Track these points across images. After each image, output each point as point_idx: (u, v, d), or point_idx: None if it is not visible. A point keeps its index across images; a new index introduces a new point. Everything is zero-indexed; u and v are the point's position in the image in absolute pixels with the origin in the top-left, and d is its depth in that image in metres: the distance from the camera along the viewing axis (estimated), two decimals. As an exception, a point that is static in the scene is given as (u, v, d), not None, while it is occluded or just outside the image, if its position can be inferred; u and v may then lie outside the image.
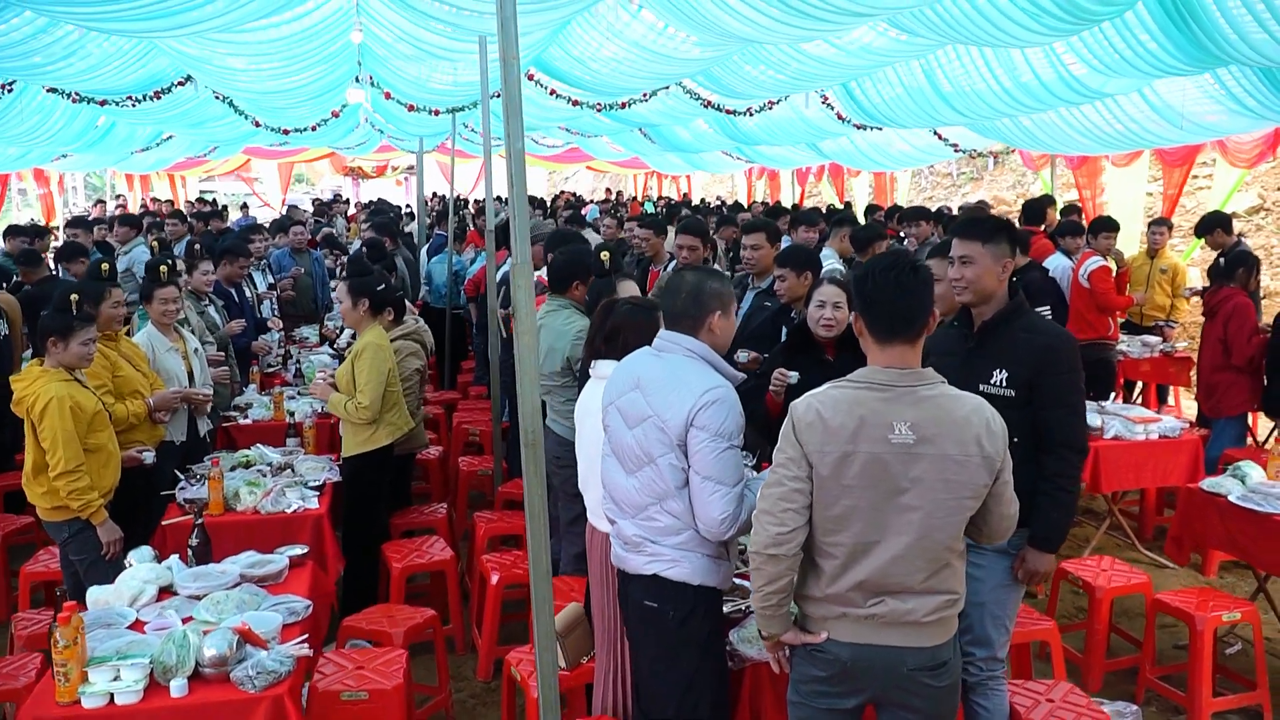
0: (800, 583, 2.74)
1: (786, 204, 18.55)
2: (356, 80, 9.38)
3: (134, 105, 9.23)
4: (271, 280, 9.51)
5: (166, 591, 3.92)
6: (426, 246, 11.36)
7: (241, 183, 32.56)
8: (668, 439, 2.99)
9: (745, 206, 16.15)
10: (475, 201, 26.37)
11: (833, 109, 10.51)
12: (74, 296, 4.76)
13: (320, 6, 6.44)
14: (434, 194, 28.83)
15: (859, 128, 11.05)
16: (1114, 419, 5.97)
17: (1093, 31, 6.45)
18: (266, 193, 30.83)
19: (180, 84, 8.93)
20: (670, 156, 20.48)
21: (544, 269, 5.79)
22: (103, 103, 9.11)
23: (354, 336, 5.74)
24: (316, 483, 5.22)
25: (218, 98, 9.83)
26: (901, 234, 8.99)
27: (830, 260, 7.40)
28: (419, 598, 5.67)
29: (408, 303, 6.75)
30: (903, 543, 2.59)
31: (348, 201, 26.16)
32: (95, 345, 4.72)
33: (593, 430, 3.42)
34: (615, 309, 3.73)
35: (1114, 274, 8.00)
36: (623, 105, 10.24)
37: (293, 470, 5.43)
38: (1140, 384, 9.46)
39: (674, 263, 6.51)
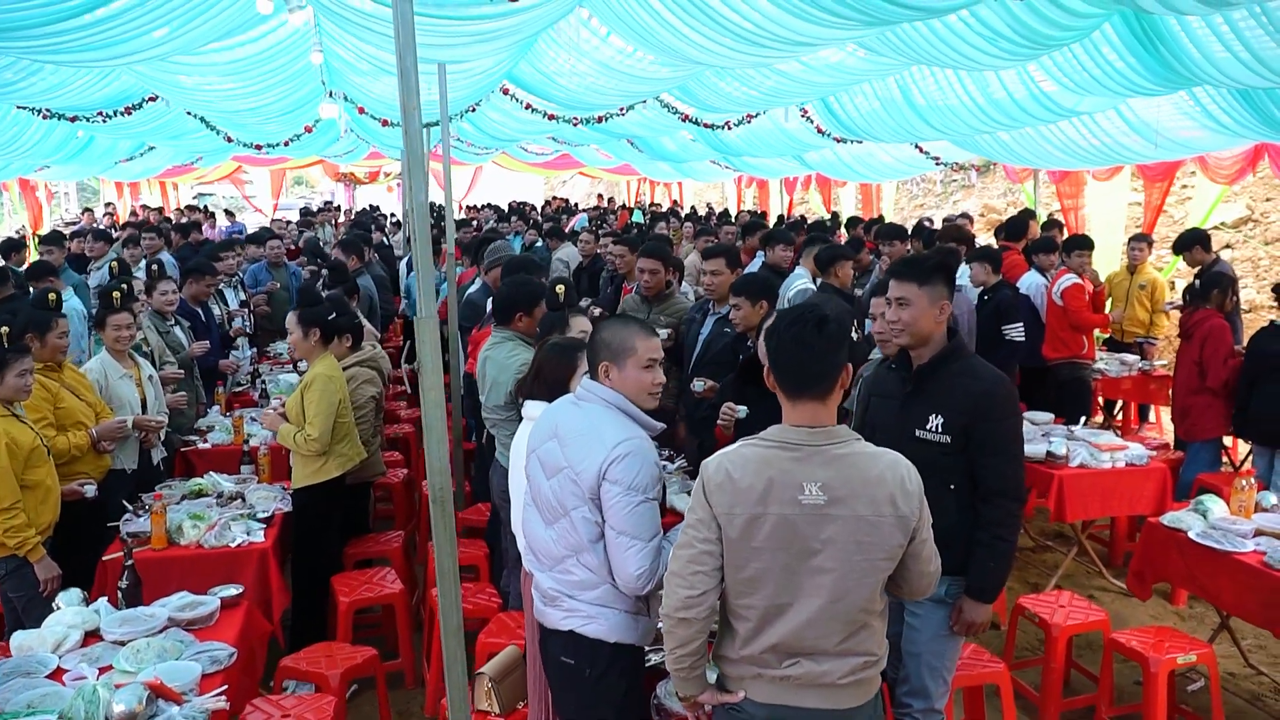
0: (717, 643, 2.68)
1: (776, 212, 18.55)
2: (330, 95, 9.30)
3: (105, 121, 9.14)
4: (243, 297, 9.44)
5: (94, 635, 3.83)
6: (406, 259, 11.29)
7: (235, 187, 32.46)
8: (581, 492, 2.92)
9: (730, 217, 16.05)
10: (472, 208, 26.37)
11: (812, 123, 10.44)
12: (3, 329, 4.67)
13: (276, 29, 6.35)
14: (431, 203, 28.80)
15: (839, 141, 10.99)
16: (1080, 446, 5.88)
17: (1062, 52, 6.37)
18: (258, 197, 30.81)
19: (151, 100, 8.85)
20: (660, 164, 20.45)
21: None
22: (73, 119, 9.03)
23: None
24: (266, 513, 5.14)
25: (189, 114, 9.75)
26: (880, 250, 8.88)
27: (803, 280, 7.32)
28: (373, 628, 5.60)
29: (369, 325, 6.66)
30: (815, 605, 2.52)
31: (338, 208, 26.11)
32: (32, 376, 4.64)
33: (521, 474, 3.34)
34: (543, 347, 3.66)
35: (1089, 292, 7.91)
36: (599, 119, 10.16)
37: (244, 500, 5.35)
38: (1120, 403, 9.40)
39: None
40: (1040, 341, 7.95)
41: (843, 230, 12.65)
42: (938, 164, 12.67)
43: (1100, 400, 9.29)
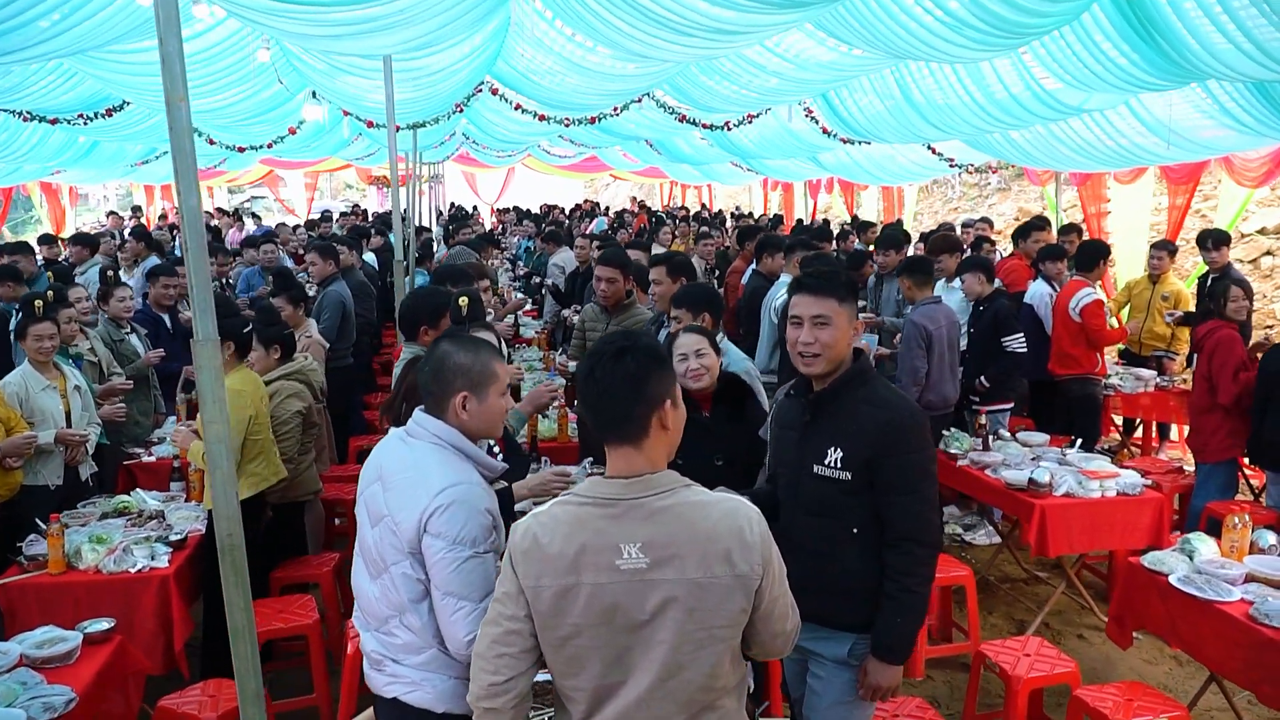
0: None
1: (800, 215, 18.06)
2: (314, 96, 9.06)
3: (86, 123, 8.98)
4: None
5: (-62, 675, 3.54)
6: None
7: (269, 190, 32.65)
8: (400, 544, 2.54)
9: (723, 219, 15.64)
10: (502, 210, 26.22)
11: (817, 123, 9.99)
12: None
13: (214, 28, 6.08)
14: (452, 204, 28.72)
15: (845, 141, 10.53)
16: (1067, 473, 5.37)
17: (1056, 44, 5.88)
18: (292, 200, 30.93)
19: (129, 102, 8.67)
20: (683, 167, 20.11)
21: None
22: (53, 121, 8.87)
23: None
24: (179, 535, 4.84)
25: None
26: (875, 258, 8.41)
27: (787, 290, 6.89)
28: (296, 657, 5.28)
29: (318, 337, 6.36)
30: (646, 684, 2.12)
31: (364, 213, 26.04)
32: None
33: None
34: (417, 367, 3.28)
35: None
36: (591, 120, 9.80)
37: (163, 519, 5.07)
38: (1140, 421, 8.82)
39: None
40: (1045, 354, 7.43)
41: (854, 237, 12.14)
42: (952, 166, 12.13)
43: (1118, 419, 8.73)
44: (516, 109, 9.43)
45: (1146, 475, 5.65)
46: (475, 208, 28.49)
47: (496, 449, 4.02)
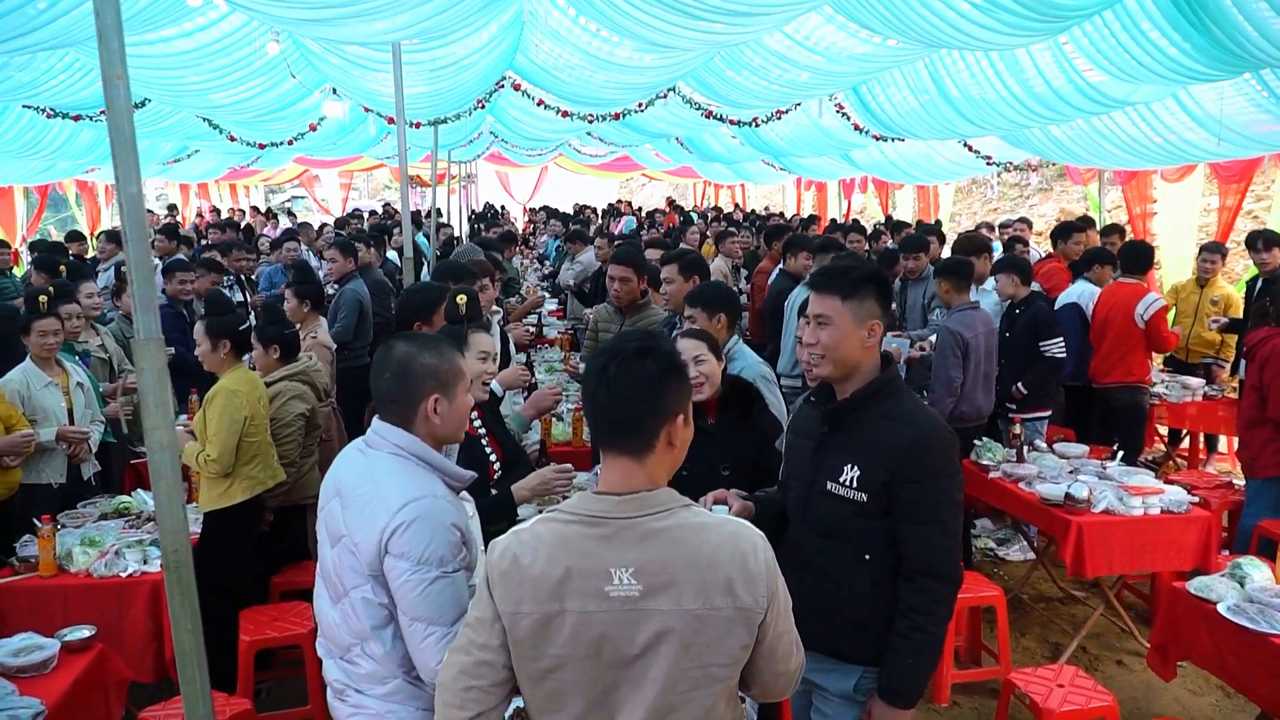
0: None
1: (833, 215, 17.73)
2: (335, 93, 8.92)
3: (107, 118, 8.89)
4: (241, 298, 9.10)
5: (-88, 681, 3.39)
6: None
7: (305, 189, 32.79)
8: (360, 566, 2.33)
9: (752, 220, 15.37)
10: (533, 210, 26.09)
11: (849, 119, 9.69)
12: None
13: (220, 20, 5.93)
14: (487, 204, 28.65)
15: (878, 139, 10.21)
16: (1107, 488, 5.05)
17: (1099, 31, 5.56)
18: (328, 199, 31.05)
19: (149, 100, 8.59)
20: (716, 166, 19.85)
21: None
22: (76, 117, 8.81)
23: None
24: (175, 540, 4.68)
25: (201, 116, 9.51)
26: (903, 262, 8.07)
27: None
28: (294, 665, 5.10)
29: (323, 336, 6.18)
30: None
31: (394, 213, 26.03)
32: None
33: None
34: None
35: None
36: (616, 116, 9.58)
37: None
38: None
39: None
40: (1082, 359, 7.10)
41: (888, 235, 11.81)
42: (989, 164, 11.76)
43: (1163, 429, 8.36)
44: (540, 105, 9.24)
45: (1193, 490, 5.33)
46: (504, 207, 28.38)
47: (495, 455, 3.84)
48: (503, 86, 9.03)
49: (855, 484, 2.60)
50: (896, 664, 2.57)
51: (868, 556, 2.61)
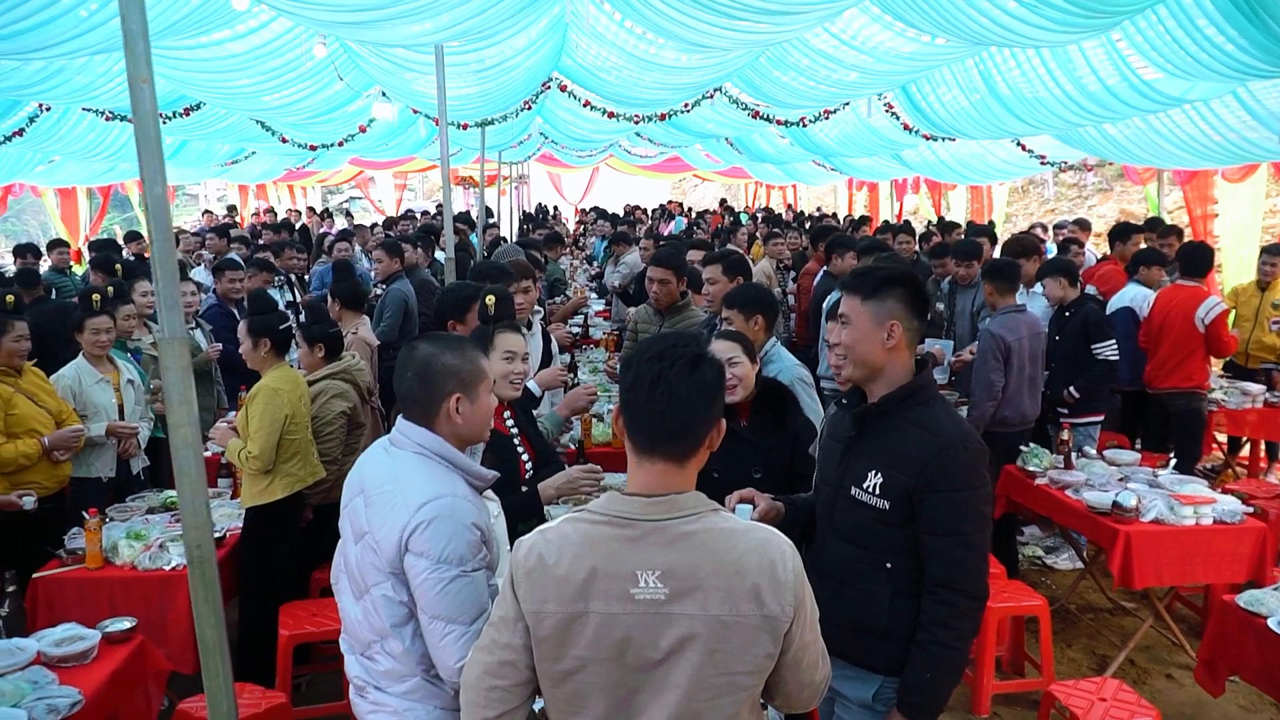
0: None
1: (885, 216, 17.54)
2: (384, 95, 9.02)
3: (165, 121, 9.09)
4: (291, 298, 9.24)
5: (-42, 668, 3.49)
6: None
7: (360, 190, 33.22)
8: (381, 564, 2.35)
9: (802, 221, 15.24)
10: (584, 211, 26.17)
11: (898, 118, 9.56)
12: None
13: (268, 24, 6.02)
14: (539, 204, 28.81)
15: (928, 138, 10.07)
16: (1157, 497, 4.92)
17: (1154, 27, 5.41)
18: (383, 200, 31.41)
19: (204, 103, 8.77)
20: (766, 167, 19.74)
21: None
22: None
23: None
24: (218, 533, 4.77)
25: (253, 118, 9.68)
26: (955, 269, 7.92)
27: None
28: (332, 660, 5.16)
29: (363, 334, 6.24)
30: None
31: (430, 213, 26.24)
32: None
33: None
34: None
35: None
36: (661, 117, 9.56)
37: (205, 517, 5.00)
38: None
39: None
40: (1136, 363, 6.93)
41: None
42: (1044, 163, 11.52)
43: (1221, 436, 8.12)
44: (586, 106, 9.26)
45: (1250, 500, 5.16)
46: (556, 208, 28.51)
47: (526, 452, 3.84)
48: (549, 88, 9.07)
49: (878, 491, 2.55)
50: (915, 677, 2.51)
51: (889, 565, 2.56)
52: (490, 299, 3.96)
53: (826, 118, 9.81)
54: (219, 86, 7.83)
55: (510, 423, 3.81)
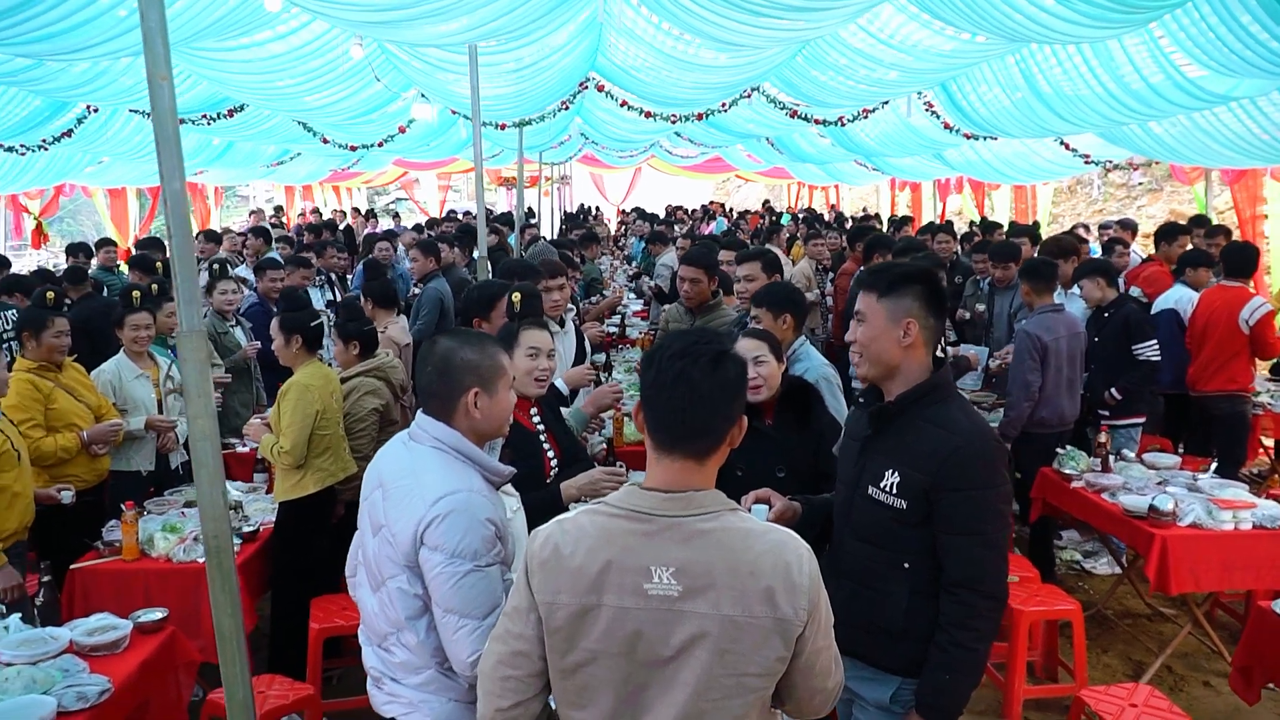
0: None
1: (928, 217, 17.35)
2: (423, 96, 9.11)
3: (209, 123, 9.27)
4: (330, 297, 9.36)
5: (-4, 655, 3.57)
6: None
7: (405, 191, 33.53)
8: (397, 557, 2.38)
9: (842, 222, 15.13)
10: (625, 212, 26.22)
11: (939, 117, 9.46)
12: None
13: (304, 27, 6.11)
14: (580, 205, 28.90)
15: (969, 137, 9.95)
16: (1195, 501, 4.81)
17: (1196, 24, 5.30)
18: (427, 201, 31.70)
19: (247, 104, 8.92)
20: (808, 167, 19.62)
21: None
22: (180, 121, 9.15)
23: None
24: (252, 526, 4.85)
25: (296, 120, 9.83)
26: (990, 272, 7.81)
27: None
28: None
29: (395, 332, 6.30)
30: None
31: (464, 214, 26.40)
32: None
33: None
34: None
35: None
36: (699, 116, 9.55)
37: (240, 509, 5.09)
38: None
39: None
40: (1177, 365, 6.79)
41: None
42: (1088, 162, 11.32)
43: (1268, 441, 7.94)
44: (623, 106, 9.28)
45: (1294, 506, 5.03)
46: (598, 208, 28.59)
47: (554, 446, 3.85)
48: (586, 87, 9.10)
49: (895, 490, 2.53)
50: (933, 679, 2.48)
51: (907, 565, 2.53)
52: (516, 296, 3.99)
53: (865, 117, 9.75)
54: (260, 87, 7.97)
55: (537, 420, 3.83)
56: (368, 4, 5.05)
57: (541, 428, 3.85)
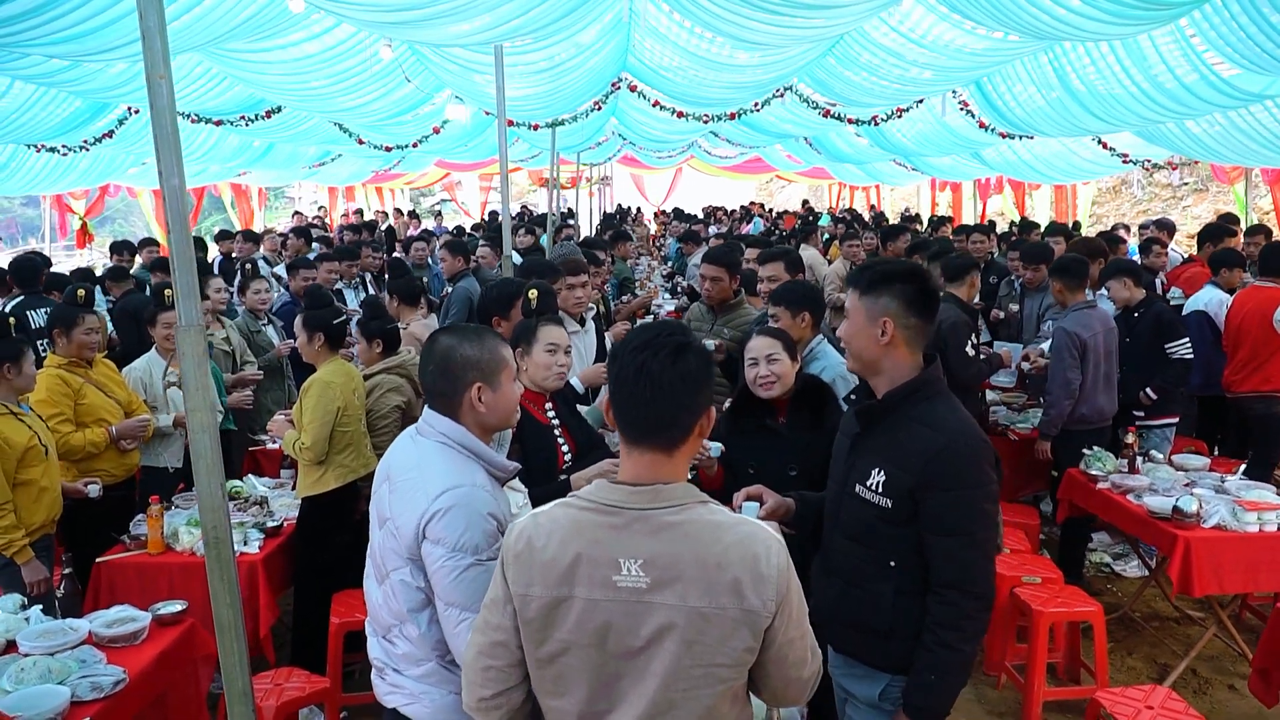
0: None
1: (969, 217, 17.17)
2: (458, 98, 9.21)
3: (247, 124, 9.44)
4: (364, 297, 9.48)
5: (14, 645, 3.67)
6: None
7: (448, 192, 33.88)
8: (400, 549, 2.42)
9: (880, 221, 15.02)
10: (664, 212, 26.24)
11: (973, 116, 9.37)
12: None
13: (333, 29, 6.20)
14: (618, 205, 28.97)
15: (1005, 136, 9.84)
16: (1220, 503, 4.73)
17: (1227, 23, 5.20)
18: (468, 203, 31.98)
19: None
20: (848, 167, 19.52)
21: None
22: (218, 122, 9.37)
23: None
24: (276, 521, 4.94)
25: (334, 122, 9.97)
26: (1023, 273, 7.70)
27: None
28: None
29: (416, 329, 6.37)
30: (633, 717, 1.90)
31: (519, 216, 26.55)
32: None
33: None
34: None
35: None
36: (731, 116, 9.54)
37: (265, 505, 5.19)
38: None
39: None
40: (1216, 369, 6.67)
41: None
42: (1125, 162, 11.13)
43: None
44: (655, 105, 9.30)
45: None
46: (639, 209, 28.65)
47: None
48: (619, 88, 9.13)
49: (880, 489, 2.52)
50: (920, 680, 2.47)
51: (893, 563, 2.52)
52: (533, 293, 4.03)
53: (900, 116, 9.68)
54: (294, 89, 8.11)
55: (551, 414, 3.87)
56: (386, 4, 5.12)
57: (556, 421, 3.89)
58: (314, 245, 11.78)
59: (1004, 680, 4.87)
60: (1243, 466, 5.38)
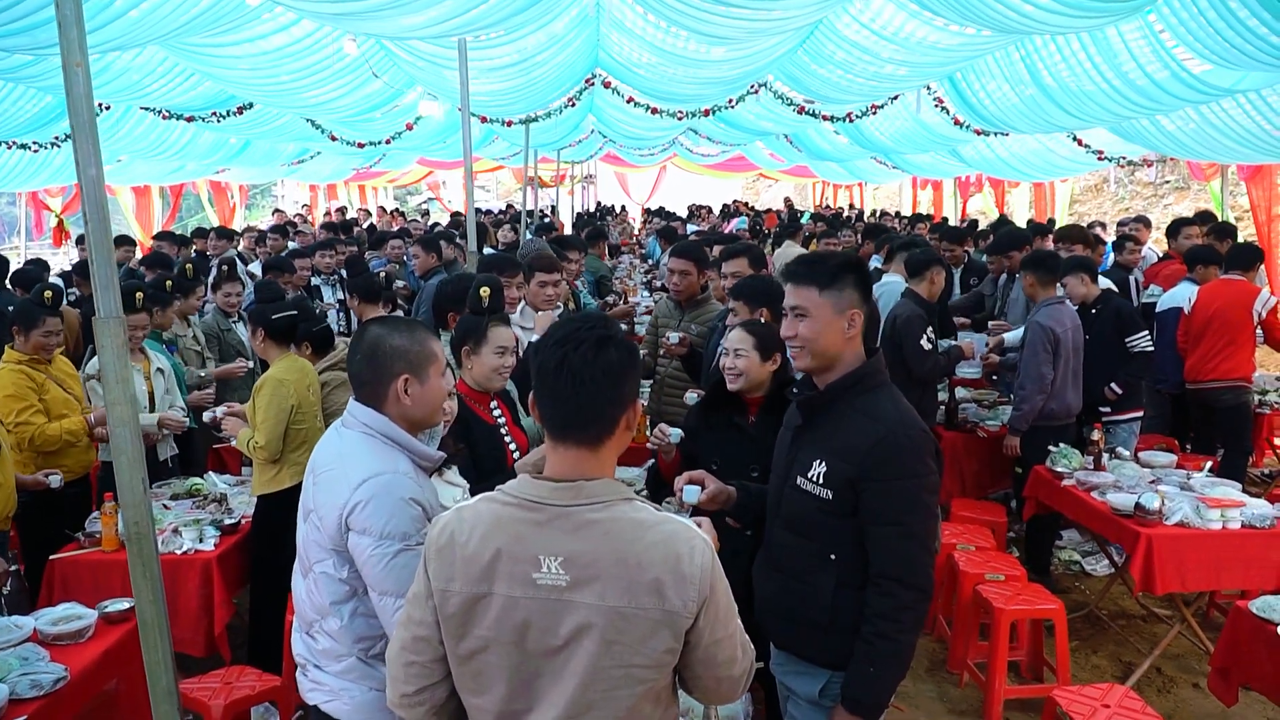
0: None
1: (949, 215, 17.19)
2: (431, 95, 9.14)
3: (219, 120, 9.36)
4: (342, 295, 9.41)
5: (-40, 643, 3.61)
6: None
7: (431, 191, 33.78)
8: (324, 541, 2.38)
9: (857, 218, 15.02)
10: (648, 211, 26.22)
11: (948, 112, 9.37)
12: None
13: (295, 23, 6.13)
14: (598, 204, 28.93)
15: (979, 133, 9.83)
16: (1183, 500, 4.72)
17: (1196, 20, 5.19)
18: (453, 201, 31.88)
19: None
20: (829, 165, 19.51)
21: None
22: (189, 118, 9.29)
23: None
24: (233, 519, 4.89)
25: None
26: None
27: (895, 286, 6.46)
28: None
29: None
30: (552, 717, 1.85)
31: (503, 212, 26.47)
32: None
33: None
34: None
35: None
36: (705, 112, 9.51)
37: (224, 502, 5.13)
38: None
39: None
40: (1169, 359, 6.71)
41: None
42: (1101, 159, 11.15)
43: (1267, 436, 7.78)
44: (629, 102, 9.26)
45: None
46: (623, 207, 28.62)
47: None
48: (593, 84, 9.09)
49: (821, 480, 2.49)
50: (858, 672, 2.44)
51: (833, 556, 2.49)
52: (485, 290, 3.97)
53: (874, 112, 9.67)
54: (260, 84, 8.03)
55: (496, 412, 3.83)
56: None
57: (502, 420, 3.85)
58: (290, 243, 11.72)
59: (966, 678, 4.85)
60: (1209, 464, 5.36)
